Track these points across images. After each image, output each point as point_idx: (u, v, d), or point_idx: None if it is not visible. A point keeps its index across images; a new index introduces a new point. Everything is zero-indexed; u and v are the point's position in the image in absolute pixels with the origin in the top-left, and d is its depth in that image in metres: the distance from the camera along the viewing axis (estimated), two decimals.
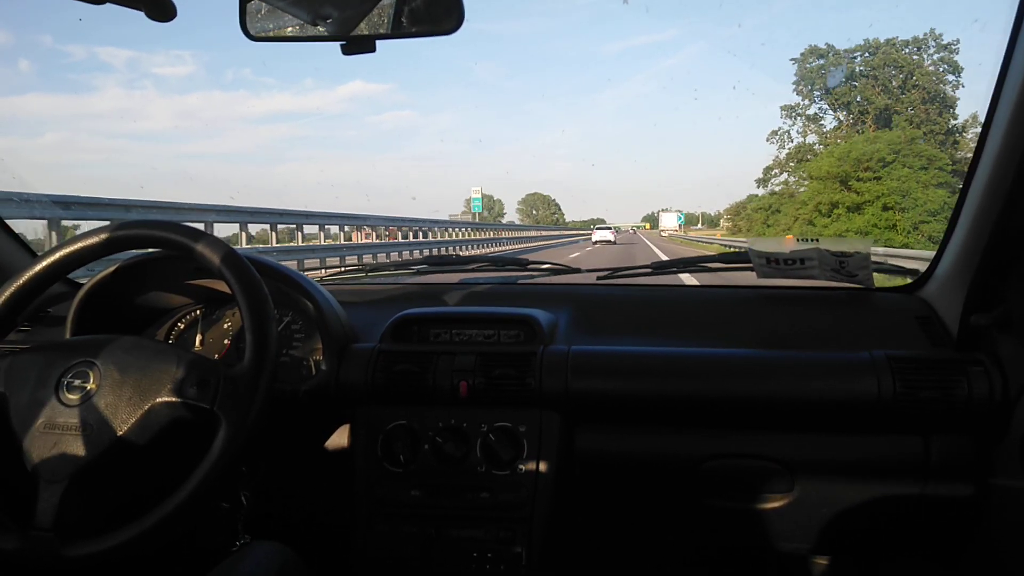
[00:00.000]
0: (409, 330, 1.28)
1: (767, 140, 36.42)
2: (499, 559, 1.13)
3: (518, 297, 1.48)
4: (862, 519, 1.22)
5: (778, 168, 34.95)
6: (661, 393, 1.16)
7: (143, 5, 0.75)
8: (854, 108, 33.85)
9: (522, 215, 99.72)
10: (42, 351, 1.00)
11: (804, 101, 35.37)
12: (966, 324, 1.13)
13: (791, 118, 35.66)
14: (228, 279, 0.99)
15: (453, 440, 1.17)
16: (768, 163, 36.00)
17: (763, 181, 35.71)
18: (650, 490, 1.27)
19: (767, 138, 36.18)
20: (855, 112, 33.82)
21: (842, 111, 34.55)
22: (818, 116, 35.25)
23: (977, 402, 1.07)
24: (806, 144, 34.88)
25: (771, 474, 1.20)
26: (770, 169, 35.57)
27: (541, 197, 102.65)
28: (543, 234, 41.49)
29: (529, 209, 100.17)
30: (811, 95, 35.13)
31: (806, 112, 35.12)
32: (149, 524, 0.90)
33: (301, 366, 1.28)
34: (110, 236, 1.03)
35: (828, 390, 1.11)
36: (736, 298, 1.43)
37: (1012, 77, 0.98)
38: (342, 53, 0.96)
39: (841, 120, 34.87)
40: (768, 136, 36.42)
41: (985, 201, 1.05)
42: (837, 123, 35.20)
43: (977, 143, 1.09)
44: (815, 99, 35.18)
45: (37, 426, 0.93)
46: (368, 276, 1.75)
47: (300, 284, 1.24)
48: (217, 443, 0.92)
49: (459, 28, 0.99)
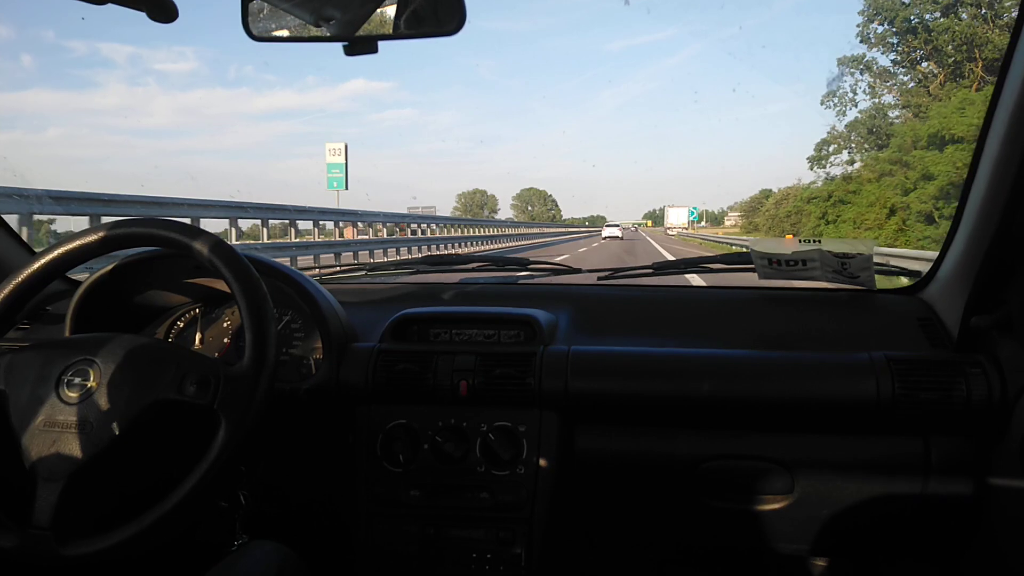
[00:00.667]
0: (409, 329, 1.28)
1: (821, 104, 26.85)
2: (498, 559, 1.13)
3: (518, 297, 1.48)
4: (862, 520, 1.22)
5: (838, 142, 25.96)
6: (661, 394, 1.16)
7: (145, 6, 0.75)
8: (951, 54, 23.00)
9: (517, 211, 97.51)
10: (42, 349, 1.00)
11: (874, 51, 24.86)
12: (966, 326, 1.13)
13: (854, 73, 25.35)
14: (227, 278, 0.99)
15: (453, 440, 1.17)
16: (823, 136, 27.11)
17: (817, 160, 26.50)
18: (650, 491, 1.27)
19: (821, 101, 26.50)
20: (958, 57, 22.88)
21: (934, 60, 23.84)
22: (902, 66, 24.06)
23: (976, 403, 1.07)
24: (881, 105, 24.88)
25: (771, 475, 1.20)
26: (826, 144, 26.43)
27: (537, 192, 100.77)
28: (535, 231, 37.06)
29: (524, 205, 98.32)
30: (886, 40, 24.18)
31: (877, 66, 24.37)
32: (147, 522, 0.90)
33: (301, 365, 1.27)
34: (108, 234, 1.03)
35: (828, 391, 1.11)
36: (737, 299, 1.43)
37: (1012, 77, 0.98)
38: (344, 54, 0.96)
39: (934, 72, 23.83)
40: (823, 98, 26.47)
41: (986, 204, 1.05)
42: (921, 79, 24.49)
43: (977, 145, 1.09)
44: (892, 42, 24.19)
45: (36, 424, 0.93)
46: (368, 275, 1.75)
47: (300, 283, 1.24)
48: (216, 442, 0.92)
49: (461, 29, 0.99)
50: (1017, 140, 0.96)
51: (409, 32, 1.01)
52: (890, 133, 23.18)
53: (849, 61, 25.11)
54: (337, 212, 14.01)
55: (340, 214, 13.96)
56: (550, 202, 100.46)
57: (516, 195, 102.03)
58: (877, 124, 24.81)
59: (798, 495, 1.20)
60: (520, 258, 1.74)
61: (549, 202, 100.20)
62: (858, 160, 24.25)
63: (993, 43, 20.99)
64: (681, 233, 43.52)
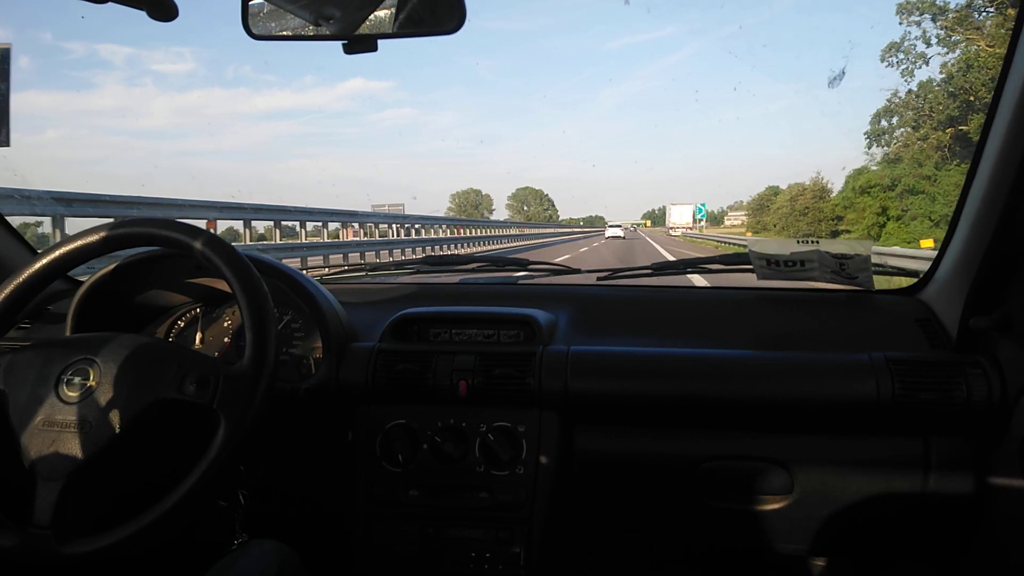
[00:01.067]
0: (409, 329, 1.28)
1: (881, 61, 19.80)
2: (498, 559, 1.13)
3: (518, 297, 1.48)
4: (862, 520, 1.22)
5: (905, 113, 19.33)
6: (660, 394, 1.16)
7: (145, 5, 0.75)
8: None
9: (512, 211, 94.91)
10: (42, 348, 1.00)
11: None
12: (965, 326, 1.13)
13: (919, 22, 17.95)
14: (227, 277, 0.99)
15: (452, 440, 1.17)
16: (882, 106, 20.14)
17: (875, 136, 20.15)
18: (649, 491, 1.27)
19: (881, 57, 19.60)
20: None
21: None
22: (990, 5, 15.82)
23: (976, 404, 1.07)
24: (971, 53, 16.99)
25: (771, 475, 1.20)
26: (887, 115, 19.83)
27: (533, 192, 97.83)
28: (528, 231, 33.40)
29: (520, 205, 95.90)
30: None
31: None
32: (147, 521, 0.90)
33: (301, 365, 1.28)
34: (109, 234, 1.03)
35: (827, 392, 1.11)
36: (736, 299, 1.43)
37: (1012, 77, 0.98)
38: (344, 52, 0.97)
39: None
40: (883, 53, 19.33)
41: (986, 204, 1.05)
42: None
43: (977, 145, 1.09)
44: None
45: (36, 423, 0.93)
46: (368, 275, 1.75)
47: (300, 283, 1.24)
48: (216, 441, 0.92)
49: (461, 27, 0.99)
50: (1017, 140, 0.96)
51: (409, 31, 1.01)
52: (976, 97, 17.18)
53: (912, 7, 18.18)
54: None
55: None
56: (546, 201, 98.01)
57: (511, 195, 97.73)
58: (959, 85, 17.63)
59: (798, 495, 1.20)
60: (520, 258, 1.74)
61: (545, 201, 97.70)
62: (932, 134, 17.96)
63: None
64: (686, 234, 37.23)
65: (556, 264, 1.68)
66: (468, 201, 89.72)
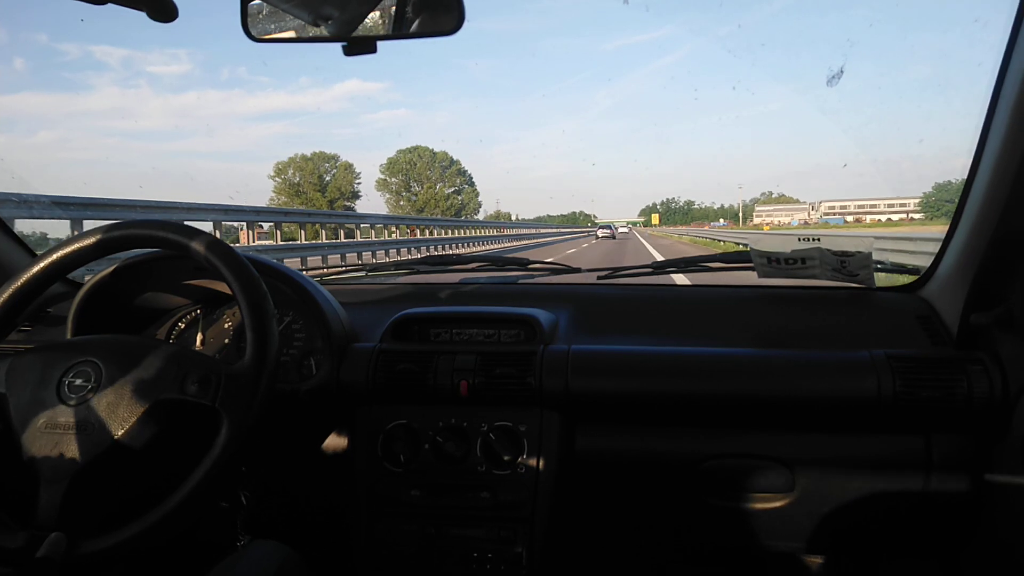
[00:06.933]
0: (409, 329, 1.28)
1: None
2: (499, 559, 1.13)
3: (518, 297, 1.48)
4: (863, 518, 1.22)
5: None
6: (661, 392, 1.16)
7: (145, 6, 0.75)
8: None
9: (388, 192, 58.20)
10: (43, 351, 1.00)
11: None
12: (966, 323, 1.13)
13: None
14: (226, 277, 0.99)
15: (453, 439, 1.17)
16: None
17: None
18: (650, 489, 1.27)
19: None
20: None
21: None
22: None
23: (977, 401, 1.07)
24: None
25: (771, 473, 1.20)
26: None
27: (422, 152, 58.19)
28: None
29: (400, 185, 57.91)
30: None
31: None
32: (150, 522, 0.90)
33: (302, 366, 1.28)
34: (107, 236, 1.03)
35: (828, 389, 1.11)
36: (737, 298, 1.43)
37: (1012, 77, 0.98)
38: (344, 54, 0.96)
39: None
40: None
41: (986, 201, 1.05)
42: None
43: (977, 143, 1.09)
44: None
45: (38, 426, 0.93)
46: (368, 276, 1.75)
47: (300, 284, 1.24)
48: (219, 440, 0.92)
49: (459, 28, 0.99)
50: (1017, 138, 0.96)
51: (408, 32, 1.01)
52: None
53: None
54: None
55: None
56: (458, 178, 56.94)
57: (384, 164, 58.06)
58: None
59: (799, 493, 1.20)
60: (520, 258, 1.75)
61: (455, 177, 56.58)
62: None
63: None
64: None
65: (556, 263, 1.68)
66: (305, 173, 52.59)
